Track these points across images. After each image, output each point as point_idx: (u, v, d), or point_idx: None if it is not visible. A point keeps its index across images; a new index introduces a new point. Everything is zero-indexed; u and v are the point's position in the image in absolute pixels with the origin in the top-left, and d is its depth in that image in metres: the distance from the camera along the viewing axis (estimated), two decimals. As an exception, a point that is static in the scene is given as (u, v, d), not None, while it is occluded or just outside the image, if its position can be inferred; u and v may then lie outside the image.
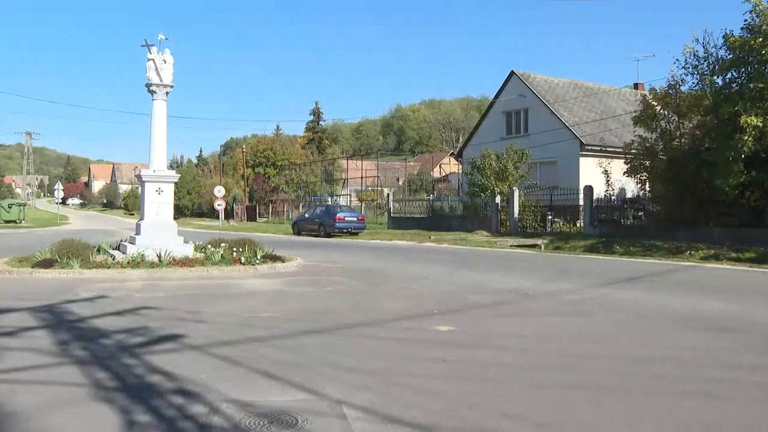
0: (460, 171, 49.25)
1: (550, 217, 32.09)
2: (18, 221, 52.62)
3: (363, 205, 55.40)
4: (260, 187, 68.43)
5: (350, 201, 58.16)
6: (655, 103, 26.40)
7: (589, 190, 29.20)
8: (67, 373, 6.32)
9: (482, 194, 34.59)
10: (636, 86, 45.95)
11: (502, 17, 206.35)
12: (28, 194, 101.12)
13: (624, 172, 27.72)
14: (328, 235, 34.30)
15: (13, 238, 33.09)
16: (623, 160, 28.15)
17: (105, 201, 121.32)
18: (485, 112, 46.28)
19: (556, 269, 17.06)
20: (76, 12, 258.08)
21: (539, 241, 26.78)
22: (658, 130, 26.06)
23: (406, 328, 8.74)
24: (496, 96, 43.18)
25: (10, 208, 53.68)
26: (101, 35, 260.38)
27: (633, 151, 27.23)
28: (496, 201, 33.41)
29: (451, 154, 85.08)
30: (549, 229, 31.22)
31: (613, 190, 29.78)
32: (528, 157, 34.59)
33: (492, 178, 33.86)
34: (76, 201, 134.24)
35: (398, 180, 78.30)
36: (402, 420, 4.95)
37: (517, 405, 5.39)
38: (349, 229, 34.70)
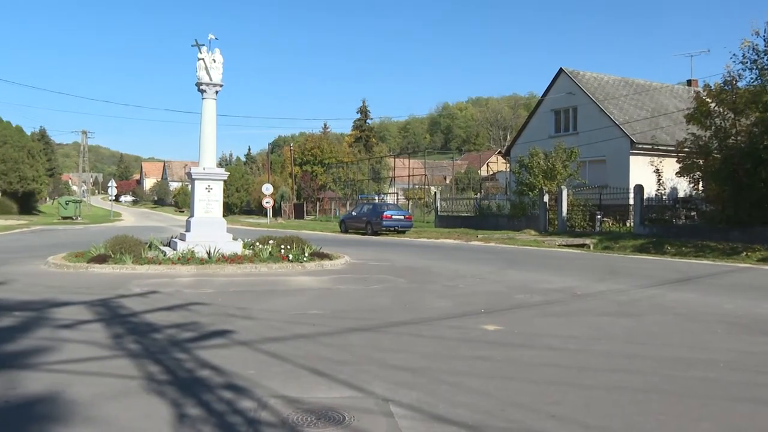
0: (508, 169, 48.87)
1: (599, 216, 31.62)
2: (74, 218, 53.96)
3: (410, 203, 55.34)
4: (308, 185, 68.85)
5: (397, 199, 58.18)
6: (710, 100, 25.77)
7: (639, 189, 28.67)
8: (121, 366, 6.47)
9: (530, 193, 34.28)
10: (689, 83, 44.87)
11: (550, 14, 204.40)
12: (83, 191, 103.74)
13: (676, 172, 27.17)
14: (375, 234, 34.37)
15: (69, 234, 33.95)
16: (675, 159, 27.54)
17: (156, 198, 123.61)
18: (533, 110, 45.84)
19: (605, 269, 16.82)
20: (129, 14, 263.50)
21: (588, 241, 26.44)
22: (713, 127, 25.45)
23: (452, 327, 8.71)
24: (545, 94, 42.71)
25: (67, 205, 55.07)
26: (154, 36, 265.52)
27: (686, 149, 26.63)
28: (544, 200, 33.06)
29: (499, 152, 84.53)
30: (598, 229, 30.77)
31: (665, 189, 29.22)
32: (577, 155, 34.11)
33: (540, 176, 33.52)
34: (129, 198, 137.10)
35: (445, 178, 78.04)
36: (449, 419, 4.94)
37: (564, 406, 5.33)
38: (396, 228, 34.71)
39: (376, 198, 58.87)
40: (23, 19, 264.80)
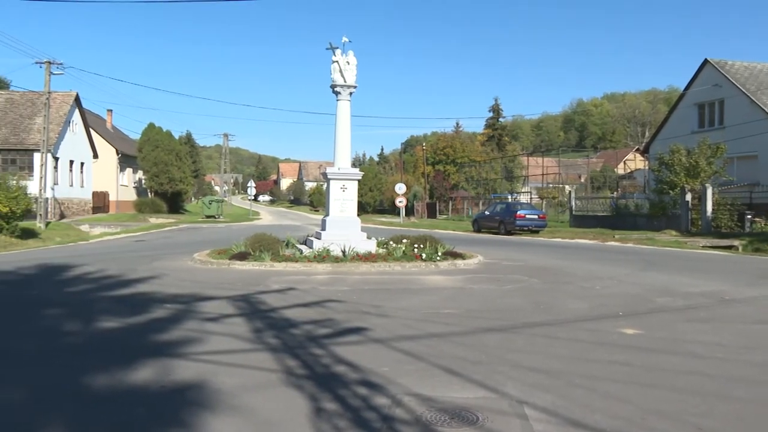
0: (646, 167, 46.89)
1: (749, 216, 29.72)
2: (216, 216, 56.64)
3: (544, 202, 54.29)
4: (440, 185, 68.89)
5: (531, 198, 57.23)
6: None
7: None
8: (261, 359, 6.75)
9: (671, 192, 32.68)
10: None
11: (691, 3, 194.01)
12: (224, 191, 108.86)
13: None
14: (508, 233, 33.95)
15: (212, 232, 35.74)
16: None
17: (292, 198, 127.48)
18: (674, 104, 43.72)
19: (757, 273, 15.78)
20: (266, 21, 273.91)
21: (736, 242, 24.89)
22: None
23: (588, 330, 8.47)
24: (687, 87, 40.61)
25: (210, 204, 57.92)
26: (291, 40, 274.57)
27: None
28: (687, 199, 31.46)
29: (636, 149, 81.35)
30: (748, 230, 28.93)
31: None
32: (724, 151, 32.14)
33: (682, 174, 31.89)
34: (267, 198, 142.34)
35: (580, 177, 75.97)
36: (585, 424, 4.82)
37: (713, 419, 5.04)
38: (530, 227, 34.13)
39: (509, 197, 58.13)
40: (172, 32, 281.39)
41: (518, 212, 34.55)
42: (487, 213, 39.03)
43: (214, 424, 4.84)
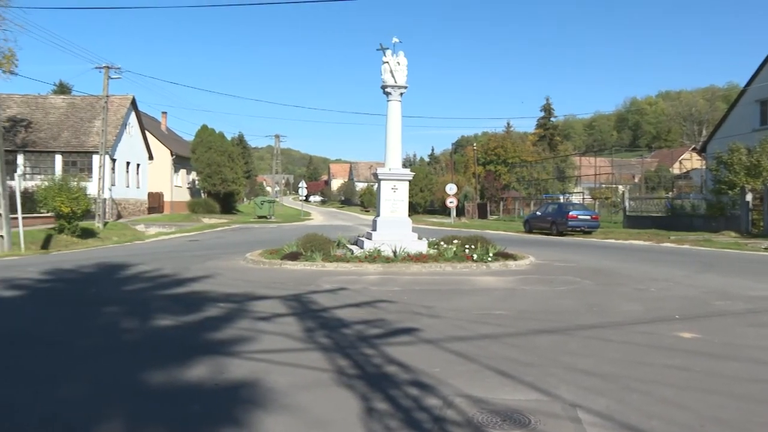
0: (704, 167, 45.78)
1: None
2: (268, 217, 57.30)
3: (596, 203, 53.46)
4: (491, 185, 68.44)
5: (583, 199, 56.40)
6: None
7: None
8: (313, 358, 6.80)
9: (729, 192, 31.80)
10: None
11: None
12: (276, 192, 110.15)
13: None
14: (560, 234, 33.54)
15: (264, 232, 36.16)
16: None
17: (343, 198, 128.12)
18: (734, 101, 42.51)
19: (821, 276, 15.26)
20: (318, 20, 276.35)
21: (799, 244, 24.10)
22: None
23: (643, 333, 8.30)
24: (748, 83, 39.45)
25: (262, 204, 58.66)
26: (340, 41, 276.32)
27: None
28: (747, 199, 30.59)
29: (693, 148, 79.53)
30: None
31: None
32: (788, 150, 31.08)
33: (742, 174, 31.00)
34: (317, 198, 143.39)
35: (634, 177, 74.64)
36: (642, 430, 4.73)
37: (774, 424, 4.90)
38: (582, 228, 33.64)
39: (561, 197, 57.43)
40: (225, 36, 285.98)
41: (570, 213, 34.08)
42: (538, 213, 38.61)
43: (267, 422, 4.89)
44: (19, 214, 24.17)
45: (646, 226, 36.03)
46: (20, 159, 42.78)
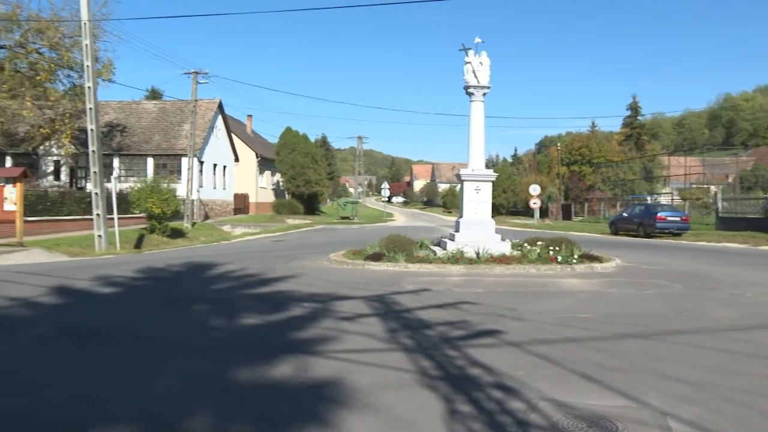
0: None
1: None
2: (351, 218, 57.92)
3: (686, 204, 51.67)
4: (575, 186, 67.19)
5: (672, 200, 54.62)
6: None
7: None
8: (395, 359, 6.82)
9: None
10: None
11: None
12: (358, 193, 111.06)
13: None
14: (648, 236, 32.57)
15: (347, 233, 36.52)
16: None
17: (425, 199, 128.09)
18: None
19: None
20: (399, 22, 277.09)
21: None
22: None
23: (739, 340, 7.96)
24: None
25: (345, 205, 59.38)
26: (422, 43, 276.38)
27: None
28: None
29: (794, 146, 75.86)
30: None
31: None
32: None
33: None
34: (400, 199, 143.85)
35: (727, 177, 71.85)
36: (737, 440, 4.54)
37: None
38: (671, 230, 32.57)
39: (649, 198, 55.78)
40: (309, 39, 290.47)
41: (659, 214, 33.04)
42: (625, 215, 37.60)
43: (350, 421, 4.94)
44: (115, 215, 25.18)
45: (740, 228, 34.53)
46: (116, 162, 44.66)
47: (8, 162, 42.40)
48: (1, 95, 32.86)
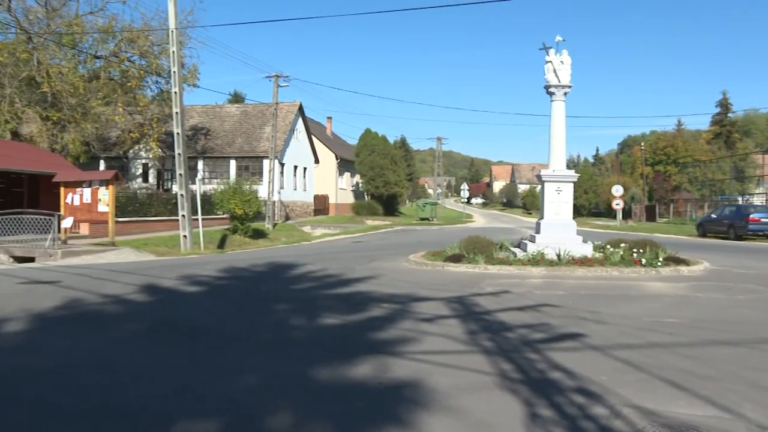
0: None
1: None
2: (430, 219, 57.87)
3: (782, 204, 49.50)
4: (660, 186, 65.30)
5: (766, 200, 52.39)
6: None
7: None
8: (475, 361, 6.77)
9: None
10: None
11: None
12: (437, 194, 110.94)
13: None
14: (739, 238, 31.31)
15: (426, 234, 36.49)
16: None
17: (504, 200, 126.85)
18: None
19: None
20: (478, 22, 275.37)
21: None
22: None
23: (841, 349, 7.55)
24: None
25: (424, 207, 59.39)
26: (501, 42, 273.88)
27: None
28: None
29: None
30: None
31: None
32: None
33: None
34: (479, 200, 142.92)
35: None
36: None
37: None
38: (765, 232, 31.20)
39: (740, 199, 53.68)
40: (386, 41, 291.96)
41: (751, 215, 31.70)
42: (713, 216, 36.25)
43: (429, 422, 4.92)
44: (199, 216, 25.90)
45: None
46: (200, 164, 46.00)
47: (101, 165, 44.28)
48: (96, 102, 34.37)
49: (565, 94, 17.75)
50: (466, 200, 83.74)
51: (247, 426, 4.96)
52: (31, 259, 20.22)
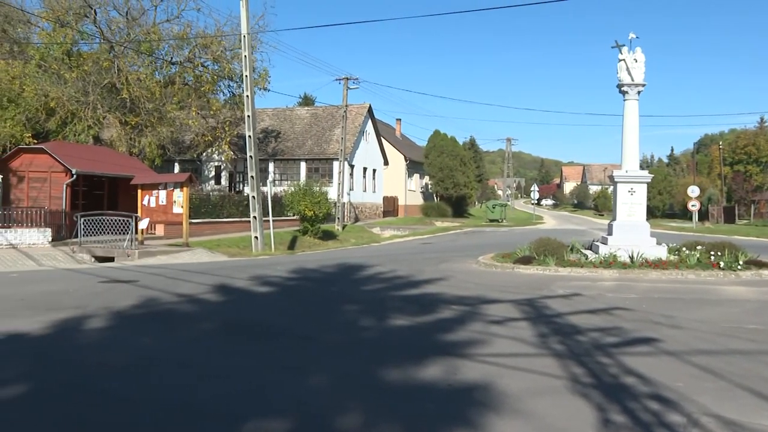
0: None
1: None
2: (500, 220, 57.39)
3: None
4: (739, 186, 63.02)
5: None
6: None
7: None
8: (545, 364, 6.69)
9: None
10: None
11: None
12: (507, 195, 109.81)
13: None
14: (824, 241, 30.03)
15: (496, 236, 36.21)
16: None
17: (575, 201, 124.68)
18: None
19: None
20: (548, 22, 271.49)
21: None
22: None
23: None
24: None
25: (494, 208, 58.97)
26: (572, 42, 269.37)
27: None
28: None
29: None
30: None
31: None
32: None
33: None
34: (549, 201, 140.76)
35: None
36: None
37: None
38: None
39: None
40: (456, 43, 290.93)
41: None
42: (798, 218, 34.84)
43: (499, 425, 4.89)
44: (270, 218, 26.31)
45: None
46: (271, 166, 46.73)
47: (176, 168, 45.47)
48: (171, 107, 35.36)
49: (639, 92, 17.37)
50: (536, 201, 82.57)
51: (316, 426, 5.02)
52: (111, 259, 20.95)
